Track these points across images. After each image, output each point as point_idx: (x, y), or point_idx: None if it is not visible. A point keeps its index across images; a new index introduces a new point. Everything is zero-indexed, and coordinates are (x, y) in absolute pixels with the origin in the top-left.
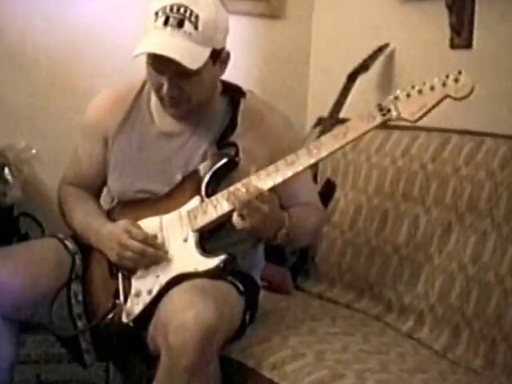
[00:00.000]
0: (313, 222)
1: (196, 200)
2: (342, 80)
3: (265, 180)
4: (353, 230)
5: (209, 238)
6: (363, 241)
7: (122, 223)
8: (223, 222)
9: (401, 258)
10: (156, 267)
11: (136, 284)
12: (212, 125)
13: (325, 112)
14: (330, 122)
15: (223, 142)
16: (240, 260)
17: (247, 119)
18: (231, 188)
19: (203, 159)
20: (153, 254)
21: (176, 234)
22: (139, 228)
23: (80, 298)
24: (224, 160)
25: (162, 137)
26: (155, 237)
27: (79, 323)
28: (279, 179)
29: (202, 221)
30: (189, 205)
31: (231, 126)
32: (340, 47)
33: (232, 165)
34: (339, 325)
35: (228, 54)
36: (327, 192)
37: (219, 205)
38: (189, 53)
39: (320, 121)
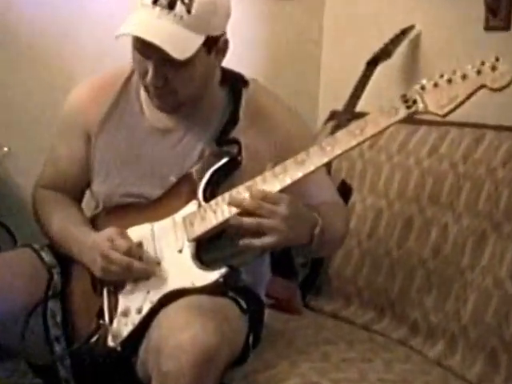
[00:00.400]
0: (341, 220)
1: (192, 205)
2: (360, 68)
3: (271, 182)
4: (372, 240)
5: (207, 248)
6: (384, 252)
7: (107, 231)
8: (224, 229)
9: (427, 272)
10: (147, 282)
11: (124, 301)
12: (210, 119)
13: (339, 105)
14: (346, 116)
15: (223, 139)
16: (243, 273)
17: (250, 112)
18: (233, 191)
19: (201, 158)
20: (140, 267)
21: (170, 243)
22: (125, 237)
23: (58, 318)
24: (224, 159)
25: (154, 133)
26: (145, 247)
27: (57, 348)
28: (287, 181)
29: (200, 228)
30: (184, 210)
31: (232, 120)
32: (357, 30)
33: (233, 165)
34: (356, 349)
35: (226, 42)
36: (342, 196)
37: (219, 210)
38: (176, 39)
39: (334, 115)
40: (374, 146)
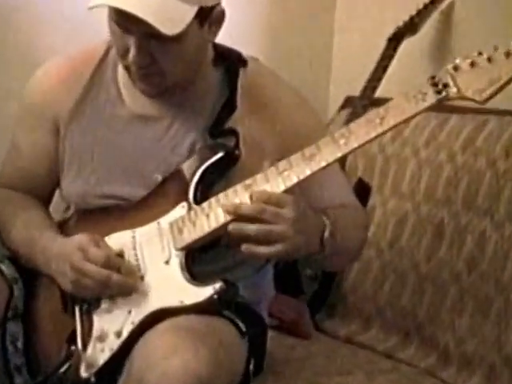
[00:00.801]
0: (358, 225)
1: (181, 208)
2: (381, 45)
3: (274, 181)
4: (394, 250)
5: (199, 259)
6: (409, 265)
7: (78, 238)
8: (219, 236)
9: (461, 290)
10: (127, 300)
11: (100, 323)
12: (202, 105)
13: (355, 89)
14: (363, 102)
15: (218, 129)
16: (241, 289)
17: (250, 97)
18: (230, 191)
19: (191, 153)
20: (119, 281)
21: (154, 253)
22: (101, 245)
23: (20, 343)
24: (219, 154)
25: (135, 122)
26: (126, 257)
27: (18, 380)
28: (293, 179)
29: (190, 236)
30: (172, 214)
31: (228, 106)
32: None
33: (230, 160)
34: (377, 381)
35: (222, 13)
36: (358, 198)
37: (213, 213)
38: (164, 11)
39: (349, 101)
40: (397, 138)
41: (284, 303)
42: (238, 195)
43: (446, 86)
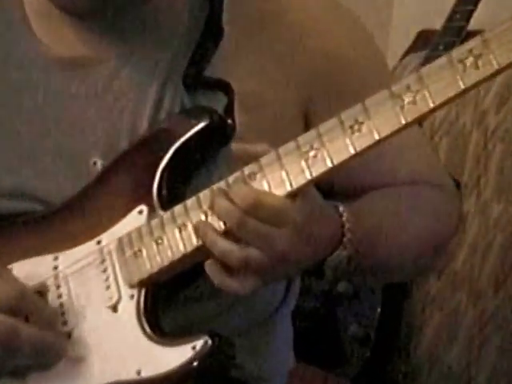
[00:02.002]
0: (428, 209)
1: (138, 215)
2: None
3: (293, 167)
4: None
5: (168, 299)
6: None
7: None
8: (198, 261)
9: None
10: (47, 374)
11: None
12: (170, 32)
13: (431, 22)
14: (446, 38)
15: (197, 80)
16: (240, 352)
17: (246, 16)
18: (216, 187)
19: (153, 120)
20: (35, 339)
21: (92, 293)
22: (4, 278)
23: None
24: (200, 124)
25: (57, 70)
26: (43, 302)
27: None
28: (327, 163)
29: (153, 262)
30: (121, 226)
31: (210, 36)
32: None
33: (218, 134)
34: None
35: None
36: None
37: (190, 224)
38: None
39: (422, 35)
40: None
41: (310, 379)
42: (228, 193)
43: None
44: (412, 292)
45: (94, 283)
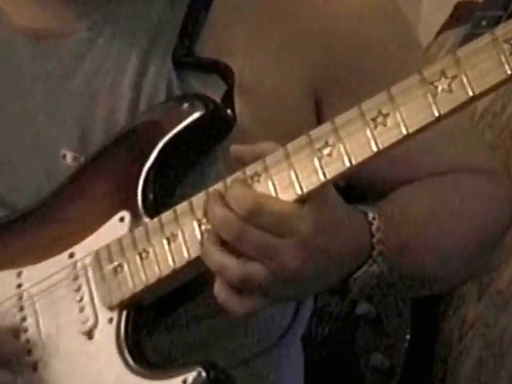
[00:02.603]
0: (482, 201)
1: (119, 222)
2: None
3: (304, 165)
4: None
5: (153, 323)
6: None
7: None
8: (191, 278)
9: None
10: None
11: None
12: (150, 1)
13: None
14: (489, 11)
15: (189, 55)
16: (240, 383)
17: None
18: (212, 190)
19: (133, 106)
20: None
21: (64, 317)
22: None
23: None
24: (193, 116)
25: (22, 45)
26: (6, 322)
27: None
28: (346, 163)
29: (135, 280)
30: (99, 237)
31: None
32: None
33: (214, 128)
34: None
35: None
36: None
37: (180, 235)
38: None
39: (461, 8)
40: None
41: None
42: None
43: None
44: (447, 316)
45: (65, 305)
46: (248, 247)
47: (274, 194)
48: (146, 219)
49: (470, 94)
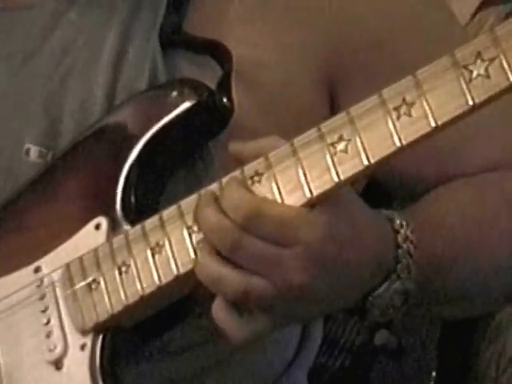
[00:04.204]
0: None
1: (93, 230)
2: None
3: (313, 163)
4: None
5: (133, 351)
6: None
7: None
8: (179, 298)
9: None
10: None
11: None
12: None
13: None
14: None
15: (175, 37)
16: None
17: None
18: (204, 192)
19: (109, 91)
20: None
21: (27, 343)
22: None
23: None
24: (183, 105)
25: None
26: None
27: None
28: (364, 161)
29: (113, 299)
30: (71, 247)
31: None
32: None
33: (208, 119)
34: None
35: None
36: None
37: (168, 243)
38: None
39: None
40: None
41: None
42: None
43: None
44: (481, 348)
45: (29, 329)
46: (246, 259)
47: (278, 197)
48: (127, 226)
49: None
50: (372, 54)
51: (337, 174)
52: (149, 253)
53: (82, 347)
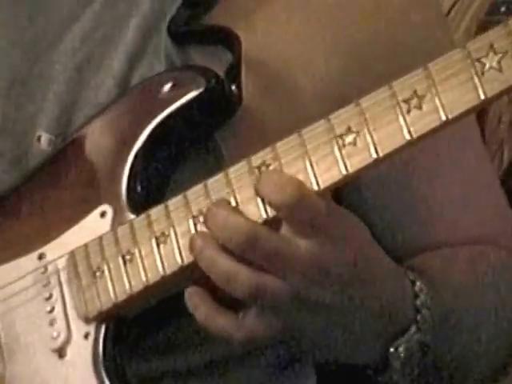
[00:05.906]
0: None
1: (99, 217)
2: None
3: (321, 155)
4: None
5: (136, 340)
6: None
7: None
8: (185, 288)
9: None
10: None
11: None
12: None
13: None
14: None
15: (185, 28)
16: None
17: None
18: (210, 182)
19: (124, 83)
20: None
21: (31, 331)
22: None
23: None
24: (191, 93)
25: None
26: None
27: None
28: (373, 153)
29: (117, 288)
30: (76, 235)
31: None
32: None
33: (216, 107)
34: None
35: None
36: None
37: (173, 233)
38: None
39: None
40: None
41: None
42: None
43: None
44: None
45: (33, 316)
46: (259, 255)
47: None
48: (132, 215)
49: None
50: (381, 42)
51: (345, 166)
52: (153, 242)
53: (86, 336)
